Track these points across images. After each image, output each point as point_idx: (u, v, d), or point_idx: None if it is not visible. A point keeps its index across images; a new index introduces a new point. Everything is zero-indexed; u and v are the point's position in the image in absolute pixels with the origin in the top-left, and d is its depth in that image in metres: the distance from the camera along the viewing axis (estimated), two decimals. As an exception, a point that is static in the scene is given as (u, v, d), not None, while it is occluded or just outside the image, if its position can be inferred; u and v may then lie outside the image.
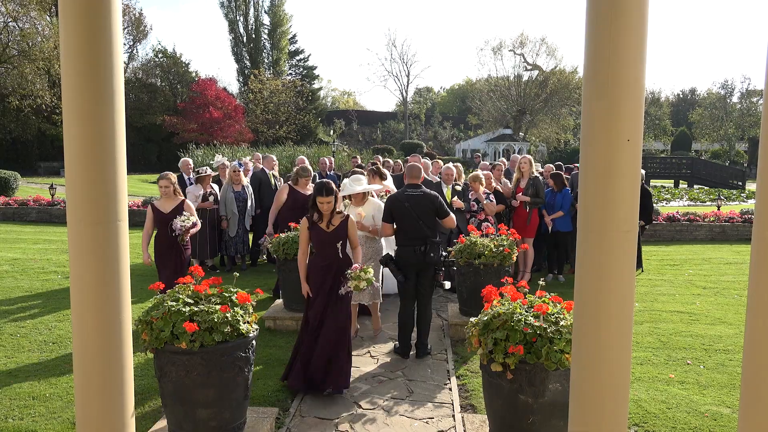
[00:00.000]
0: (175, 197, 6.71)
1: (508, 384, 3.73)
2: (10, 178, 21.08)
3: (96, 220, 2.98)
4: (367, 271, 5.05)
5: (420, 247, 5.89)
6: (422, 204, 5.95)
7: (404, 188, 6.09)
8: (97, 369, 2.98)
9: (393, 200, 6.04)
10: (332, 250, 5.18)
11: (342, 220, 5.20)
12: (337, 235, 5.18)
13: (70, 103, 2.93)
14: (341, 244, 5.20)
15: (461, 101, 69.59)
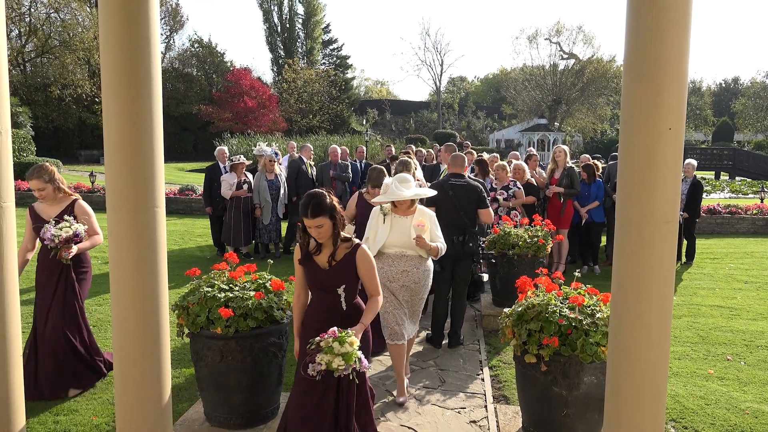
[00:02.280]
0: (62, 197, 4.88)
1: (542, 376, 3.70)
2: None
3: (134, 206, 3.03)
4: (346, 340, 3.04)
5: (459, 237, 5.85)
6: (465, 194, 5.91)
7: (448, 176, 6.06)
8: (135, 352, 3.05)
9: (436, 186, 6.00)
10: (331, 299, 3.37)
11: (348, 252, 3.39)
12: (340, 275, 3.36)
13: (109, 93, 2.97)
14: (345, 290, 3.37)
15: (495, 91, 68.78)
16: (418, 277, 4.79)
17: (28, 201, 16.82)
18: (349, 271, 3.39)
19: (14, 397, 3.28)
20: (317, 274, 3.42)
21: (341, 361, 3.01)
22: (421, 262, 4.80)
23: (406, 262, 4.76)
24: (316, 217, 3.24)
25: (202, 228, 12.97)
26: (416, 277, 4.77)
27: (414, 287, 4.78)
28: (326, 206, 3.27)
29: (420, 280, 4.81)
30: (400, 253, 4.74)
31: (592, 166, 9.53)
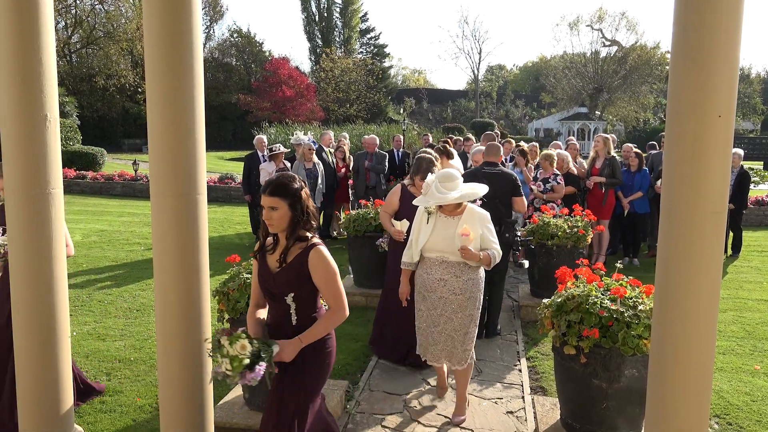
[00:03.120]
0: None
1: (582, 368, 3.64)
2: (97, 154, 22.22)
3: (177, 193, 3.08)
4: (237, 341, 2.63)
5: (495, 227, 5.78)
6: (500, 182, 5.84)
7: (482, 165, 6.01)
8: (178, 336, 3.11)
9: (470, 176, 5.95)
10: (281, 310, 2.90)
11: (301, 253, 2.84)
12: (288, 280, 2.84)
13: (153, 82, 3.02)
14: (295, 299, 2.85)
15: (534, 79, 67.71)
16: (459, 287, 4.05)
17: (74, 189, 17.37)
18: (300, 276, 2.81)
19: (63, 378, 3.39)
20: (266, 276, 2.91)
21: (228, 365, 2.58)
22: (464, 270, 4.06)
23: (445, 269, 4.07)
24: (272, 196, 2.81)
25: (241, 216, 13.16)
26: (456, 287, 4.05)
27: (454, 300, 4.04)
28: (289, 190, 2.83)
29: (462, 290, 4.05)
30: (440, 259, 4.09)
31: (641, 155, 9.32)
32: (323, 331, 2.87)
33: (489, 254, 4.06)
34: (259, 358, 2.64)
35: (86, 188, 17.48)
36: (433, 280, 4.10)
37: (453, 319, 4.08)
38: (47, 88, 3.22)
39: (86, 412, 4.37)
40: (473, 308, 4.13)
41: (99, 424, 4.23)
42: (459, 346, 4.12)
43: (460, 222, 4.05)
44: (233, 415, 4.05)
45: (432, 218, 4.17)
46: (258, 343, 2.70)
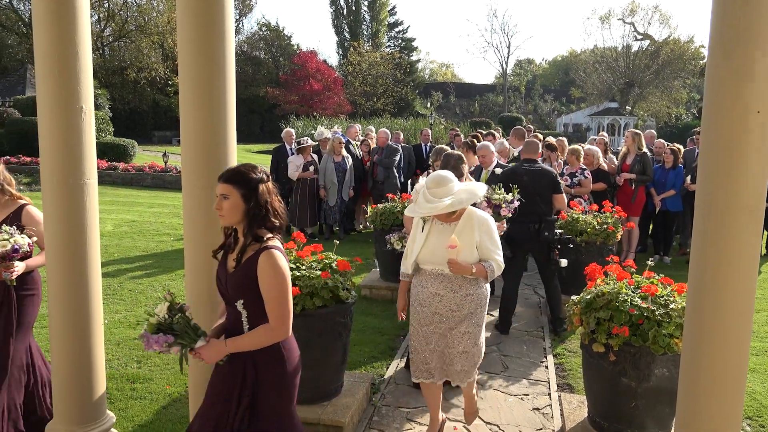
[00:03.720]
0: (6, 201, 3.79)
1: (611, 366, 3.60)
2: (128, 145, 22.58)
3: (208, 185, 3.11)
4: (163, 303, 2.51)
5: (534, 225, 5.74)
6: (540, 179, 5.80)
7: (521, 162, 5.96)
8: (207, 325, 3.14)
9: (510, 173, 5.91)
10: (233, 316, 2.65)
11: (253, 255, 2.54)
12: (239, 283, 2.57)
13: (185, 75, 3.05)
14: (246, 306, 2.58)
15: (564, 73, 66.87)
16: (456, 303, 3.60)
17: (106, 180, 17.69)
18: (250, 281, 2.53)
19: (96, 365, 3.47)
20: (220, 277, 2.68)
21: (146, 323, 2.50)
22: (462, 284, 3.60)
23: (440, 283, 3.61)
24: (225, 183, 2.55)
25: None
26: (452, 303, 3.60)
27: (450, 316, 3.61)
28: (245, 178, 2.55)
29: (459, 306, 3.60)
30: (435, 272, 3.63)
31: (677, 151, 9.14)
32: (249, 345, 2.54)
33: (485, 267, 3.54)
34: (170, 332, 2.45)
35: (117, 179, 17.79)
36: (427, 294, 3.65)
37: (447, 336, 3.64)
38: (83, 81, 3.28)
39: (117, 398, 4.47)
40: (473, 325, 3.65)
41: (130, 410, 4.31)
42: (456, 364, 3.68)
43: (456, 229, 3.58)
44: (260, 405, 4.09)
45: (427, 225, 3.70)
46: (182, 320, 2.48)
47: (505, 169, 6.23)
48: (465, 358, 3.70)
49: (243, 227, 2.58)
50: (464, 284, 3.62)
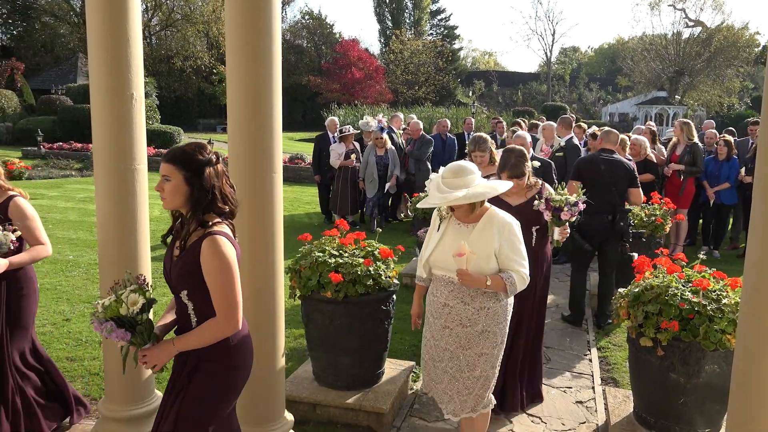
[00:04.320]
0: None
1: (658, 361, 3.52)
2: (174, 133, 23.06)
3: (253, 172, 3.15)
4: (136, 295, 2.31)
5: (608, 216, 5.65)
6: (618, 170, 5.68)
7: (599, 152, 5.85)
8: (253, 310, 3.19)
9: (587, 161, 5.82)
10: (180, 307, 2.46)
11: (196, 241, 2.35)
12: (182, 272, 2.39)
13: (232, 62, 3.08)
14: (190, 297, 2.39)
15: (610, 61, 65.28)
16: (468, 317, 3.16)
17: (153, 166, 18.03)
18: (193, 269, 2.33)
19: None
20: (166, 265, 2.50)
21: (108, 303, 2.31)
22: (475, 296, 3.15)
23: (450, 293, 3.19)
24: (167, 163, 2.36)
25: (310, 196, 13.37)
26: (463, 316, 3.16)
27: (461, 333, 3.17)
28: (189, 159, 2.35)
29: (471, 322, 3.16)
30: (447, 278, 3.21)
31: (730, 143, 8.83)
32: (197, 342, 2.36)
33: (504, 279, 3.08)
34: (126, 326, 2.29)
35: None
36: (438, 304, 3.25)
37: (459, 357, 3.20)
38: (134, 68, 3.35)
39: (164, 378, 4.58)
40: (488, 346, 3.19)
41: (176, 391, 4.41)
42: (465, 391, 3.22)
43: (474, 231, 3.16)
44: (302, 390, 4.15)
45: (444, 224, 3.29)
46: (147, 322, 2.34)
47: (582, 157, 6.12)
48: (480, 384, 3.23)
49: (186, 212, 2.39)
50: (478, 296, 3.16)
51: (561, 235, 4.16)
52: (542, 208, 4.07)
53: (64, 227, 9.75)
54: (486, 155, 4.97)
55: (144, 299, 2.32)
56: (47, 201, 11.85)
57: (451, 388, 3.24)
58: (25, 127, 22.70)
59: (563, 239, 4.22)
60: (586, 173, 5.67)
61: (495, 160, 4.99)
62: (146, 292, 2.34)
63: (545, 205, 4.07)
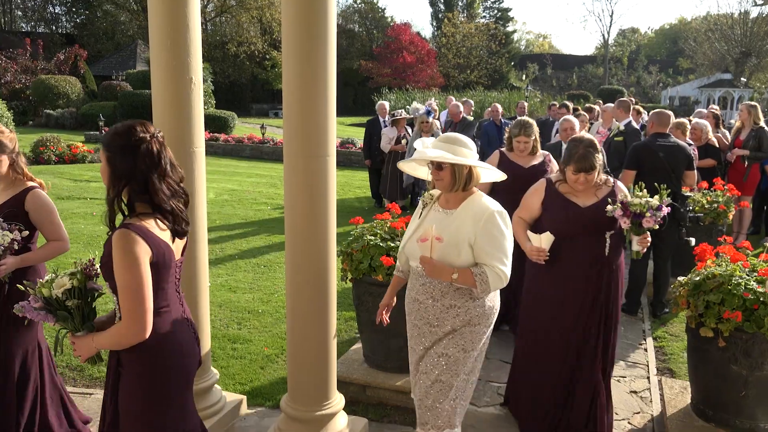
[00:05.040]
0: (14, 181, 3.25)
1: (719, 352, 3.40)
2: (228, 118, 23.49)
3: (308, 154, 3.18)
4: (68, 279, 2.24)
5: None
6: (676, 155, 5.50)
7: (654, 136, 5.65)
8: (306, 291, 3.24)
9: (643, 148, 5.63)
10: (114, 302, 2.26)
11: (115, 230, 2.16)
12: (102, 261, 2.22)
13: (289, 46, 3.10)
14: (111, 289, 2.22)
15: (672, 43, 62.87)
16: (435, 316, 2.84)
17: (208, 150, 18.45)
18: (108, 261, 2.15)
19: (202, 324, 3.66)
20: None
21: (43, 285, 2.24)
22: (446, 291, 2.80)
23: (421, 286, 2.88)
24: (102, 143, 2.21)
25: (361, 180, 13.43)
26: (430, 315, 2.85)
27: (428, 333, 2.88)
28: (111, 138, 2.19)
29: (438, 321, 2.83)
30: (419, 271, 2.89)
31: None
32: (108, 343, 2.21)
33: (474, 273, 2.69)
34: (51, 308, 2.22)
35: (218, 150, 18.56)
36: (409, 299, 2.99)
37: (423, 360, 2.92)
38: (192, 53, 3.41)
39: (219, 357, 4.72)
40: (454, 347, 2.82)
41: (231, 368, 4.55)
42: (427, 400, 2.88)
43: (452, 217, 2.83)
44: (353, 371, 4.21)
45: (426, 210, 2.99)
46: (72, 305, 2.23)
47: (636, 144, 5.91)
48: (442, 395, 2.83)
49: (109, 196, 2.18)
50: (449, 292, 2.79)
51: (641, 244, 3.43)
52: (618, 214, 3.32)
53: (124, 209, 10.11)
54: (531, 141, 4.72)
55: (74, 284, 2.21)
56: (109, 183, 12.28)
57: (419, 393, 2.95)
58: (88, 112, 23.54)
59: (644, 250, 3.50)
60: (645, 160, 5.49)
61: (538, 149, 4.86)
62: (83, 278, 2.25)
63: (622, 210, 3.32)
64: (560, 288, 3.49)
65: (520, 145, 4.70)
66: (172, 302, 2.31)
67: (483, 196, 2.86)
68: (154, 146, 2.19)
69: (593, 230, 3.39)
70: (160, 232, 2.20)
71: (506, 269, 2.74)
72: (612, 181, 3.56)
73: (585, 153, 3.34)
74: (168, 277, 2.26)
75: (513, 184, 3.90)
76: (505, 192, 4.49)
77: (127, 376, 2.23)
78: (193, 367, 2.39)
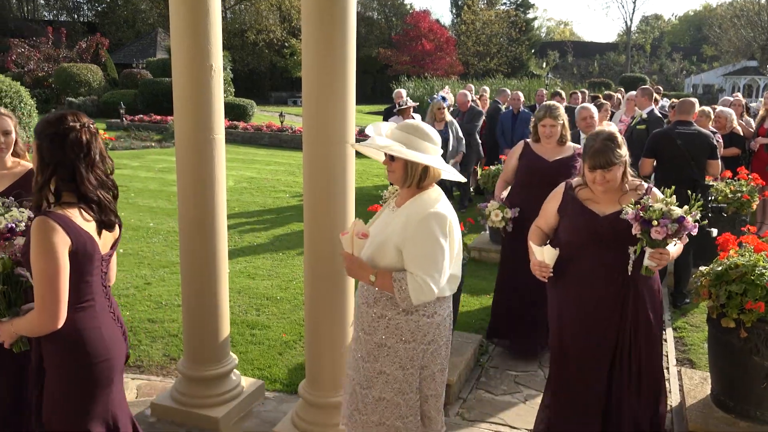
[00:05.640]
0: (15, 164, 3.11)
1: (740, 343, 3.36)
2: (247, 106, 23.56)
3: (327, 142, 3.18)
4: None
5: (687, 191, 5.42)
6: (697, 143, 5.41)
7: (674, 124, 5.60)
8: (324, 277, 3.26)
9: (662, 136, 5.56)
10: None
11: None
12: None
13: (308, 34, 3.10)
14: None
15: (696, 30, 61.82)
16: (368, 324, 2.58)
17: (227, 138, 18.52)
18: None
19: (221, 309, 3.70)
20: None
21: None
22: (379, 297, 2.54)
23: (364, 292, 2.63)
24: None
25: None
26: (365, 322, 2.60)
27: (362, 341, 2.62)
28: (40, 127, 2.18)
29: (371, 330, 2.57)
30: None
31: None
32: (24, 330, 2.20)
33: (394, 279, 2.42)
34: None
35: (237, 138, 18.63)
36: (355, 304, 2.76)
37: (360, 369, 2.64)
38: (213, 40, 3.43)
39: (238, 342, 4.77)
40: (389, 365, 2.55)
41: (249, 354, 4.59)
42: (363, 410, 2.64)
43: (394, 216, 2.60)
44: (370, 358, 4.22)
45: (386, 205, 2.82)
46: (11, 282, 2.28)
47: (656, 131, 5.82)
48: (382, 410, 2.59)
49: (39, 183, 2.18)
50: (381, 299, 2.53)
51: (653, 259, 2.81)
52: (630, 217, 2.77)
53: (145, 196, 10.21)
54: (558, 126, 4.26)
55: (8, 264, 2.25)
56: (129, 171, 12.41)
57: (351, 403, 2.70)
58: (109, 100, 23.76)
59: (657, 268, 2.87)
60: (663, 148, 5.42)
61: (567, 138, 4.41)
62: (10, 263, 2.27)
63: (634, 213, 2.76)
64: (579, 309, 3.03)
65: (546, 129, 4.26)
66: (97, 296, 2.28)
67: (433, 195, 2.55)
68: (84, 136, 2.19)
69: (612, 243, 2.92)
70: (84, 222, 2.18)
71: (432, 281, 2.40)
72: (646, 187, 3.02)
73: (602, 147, 2.88)
74: (92, 270, 2.23)
75: (530, 178, 3.64)
76: (520, 186, 4.38)
77: (48, 369, 2.23)
78: (118, 362, 2.35)
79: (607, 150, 2.87)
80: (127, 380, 4.11)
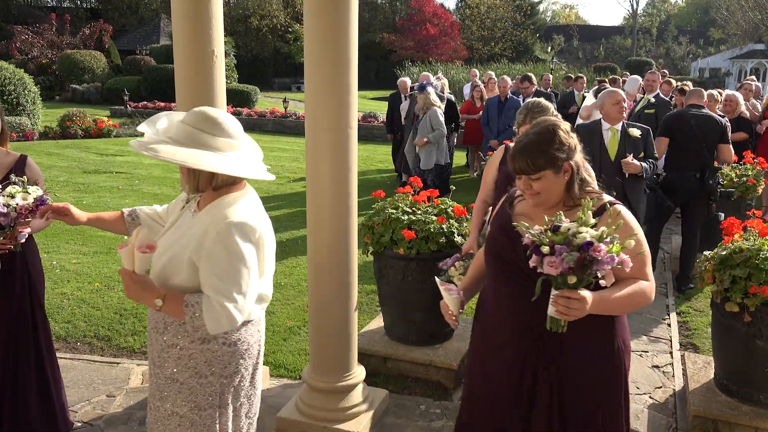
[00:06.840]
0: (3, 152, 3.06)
1: (744, 327, 3.36)
2: (250, 92, 23.52)
3: (329, 127, 3.17)
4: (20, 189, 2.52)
5: (696, 174, 5.45)
6: (709, 125, 5.49)
7: (688, 107, 5.67)
8: (328, 263, 3.26)
9: (676, 117, 5.65)
10: None
11: None
12: None
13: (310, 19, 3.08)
14: None
15: (703, 12, 61.09)
16: (158, 354, 2.14)
17: (231, 124, 18.52)
18: None
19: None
20: None
21: None
22: (169, 325, 2.11)
23: (153, 315, 2.16)
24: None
25: (383, 154, 13.39)
26: (154, 352, 2.16)
27: (153, 374, 2.18)
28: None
29: (160, 361, 2.14)
30: None
31: None
32: None
33: (185, 303, 1.98)
34: None
35: (241, 124, 18.62)
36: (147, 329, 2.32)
37: (150, 411, 2.22)
38: (214, 25, 3.41)
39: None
40: (182, 404, 2.11)
41: (254, 339, 4.61)
42: None
43: (193, 223, 2.12)
44: (374, 343, 4.24)
45: (187, 207, 2.29)
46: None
47: (670, 113, 5.89)
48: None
49: None
50: (171, 326, 2.09)
51: (556, 306, 1.90)
52: (527, 242, 1.95)
53: (149, 183, 10.23)
54: None
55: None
56: (134, 158, 12.42)
57: None
58: (113, 86, 23.73)
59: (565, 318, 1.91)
60: (677, 130, 5.49)
61: None
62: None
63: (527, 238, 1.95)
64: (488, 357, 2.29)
65: None
66: None
67: (237, 200, 2.09)
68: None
69: (533, 279, 1.96)
70: None
71: (233, 307, 1.96)
72: (606, 201, 2.13)
73: (528, 144, 2.09)
74: None
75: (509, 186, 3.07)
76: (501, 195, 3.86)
77: None
78: None
79: (533, 149, 2.06)
80: (132, 366, 4.14)
